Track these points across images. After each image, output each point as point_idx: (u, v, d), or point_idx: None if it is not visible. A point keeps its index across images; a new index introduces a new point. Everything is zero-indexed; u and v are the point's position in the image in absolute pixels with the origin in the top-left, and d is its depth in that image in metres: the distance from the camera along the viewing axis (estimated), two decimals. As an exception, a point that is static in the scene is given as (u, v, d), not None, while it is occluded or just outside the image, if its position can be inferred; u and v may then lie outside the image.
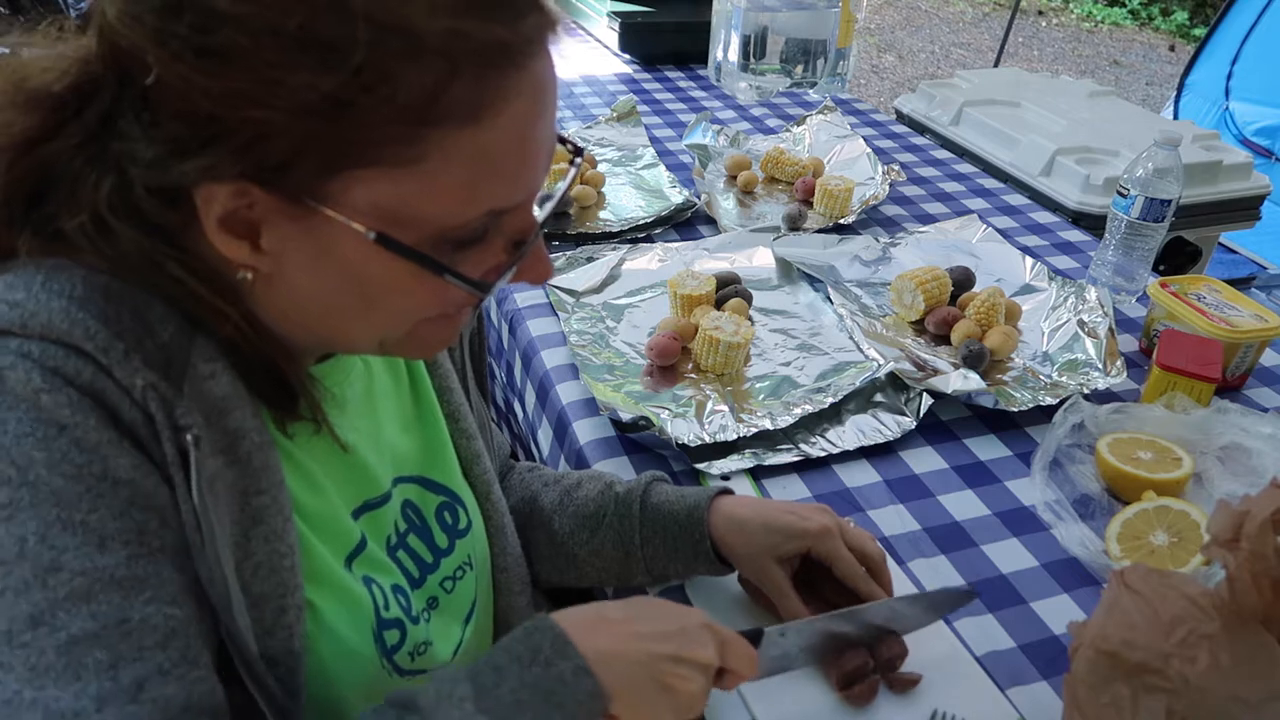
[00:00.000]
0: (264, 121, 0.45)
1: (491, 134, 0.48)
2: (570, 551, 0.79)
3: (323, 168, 0.47)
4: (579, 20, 2.31)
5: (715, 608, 0.77)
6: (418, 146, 0.47)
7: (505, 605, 0.77)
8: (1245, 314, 1.07)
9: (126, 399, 0.47)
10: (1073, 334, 1.12)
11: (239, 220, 0.49)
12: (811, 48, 1.91)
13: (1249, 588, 0.55)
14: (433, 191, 0.48)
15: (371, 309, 0.53)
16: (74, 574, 0.45)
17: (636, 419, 0.92)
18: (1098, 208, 1.52)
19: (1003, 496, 0.91)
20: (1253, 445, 0.90)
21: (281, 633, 0.53)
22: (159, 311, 0.50)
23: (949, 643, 0.75)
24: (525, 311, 1.15)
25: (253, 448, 0.53)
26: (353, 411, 0.64)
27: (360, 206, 0.48)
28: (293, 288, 0.52)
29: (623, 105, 1.71)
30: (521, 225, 0.54)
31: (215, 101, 0.44)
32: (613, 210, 1.39)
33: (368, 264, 0.50)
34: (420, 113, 0.46)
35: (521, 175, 0.51)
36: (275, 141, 0.45)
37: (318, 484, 0.59)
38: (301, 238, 0.49)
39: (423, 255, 0.50)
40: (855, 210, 1.40)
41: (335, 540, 0.60)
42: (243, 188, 0.47)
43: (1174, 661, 0.55)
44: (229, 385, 0.52)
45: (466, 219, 0.50)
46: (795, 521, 0.72)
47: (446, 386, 0.74)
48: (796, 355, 1.09)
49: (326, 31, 0.43)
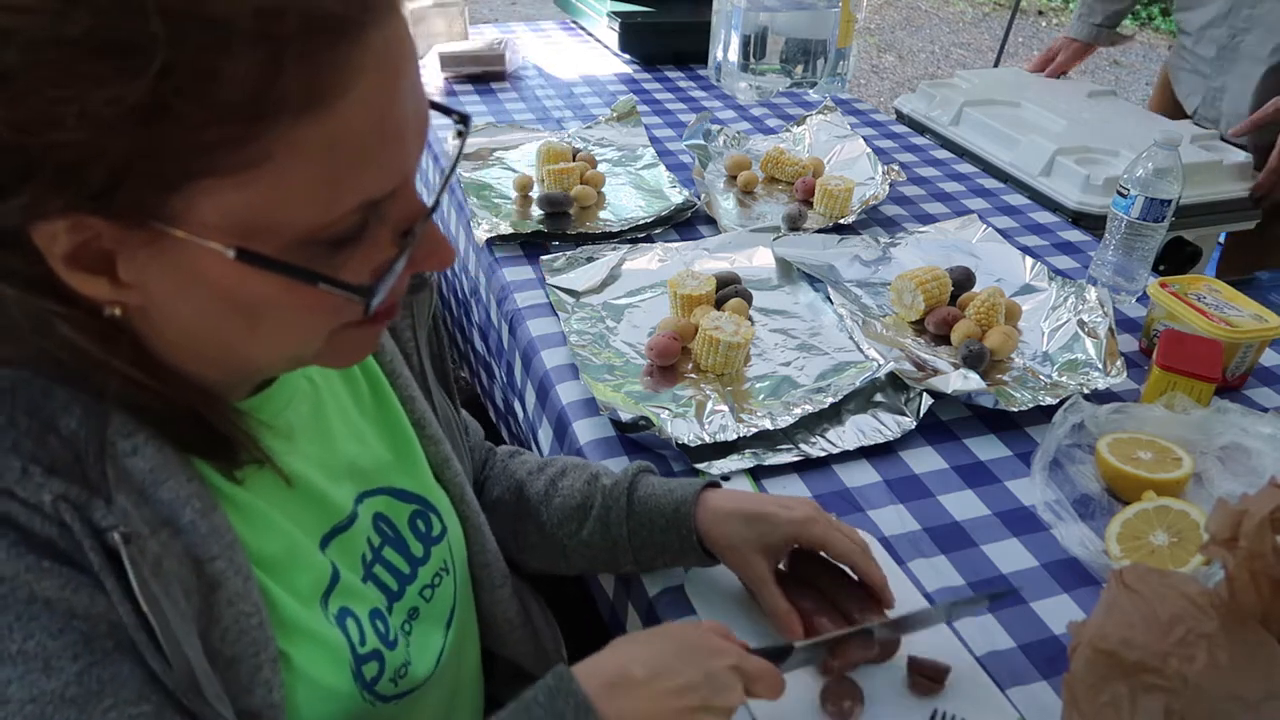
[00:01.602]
0: (72, 145, 0.39)
1: (340, 120, 0.43)
2: (559, 542, 0.80)
3: (156, 185, 0.42)
4: (579, 20, 2.31)
5: (714, 607, 0.77)
6: (255, 147, 0.42)
7: (489, 600, 0.77)
8: (1245, 314, 1.07)
9: (37, 516, 0.44)
10: (1073, 334, 1.12)
11: (89, 254, 0.44)
12: (811, 48, 1.91)
13: (1248, 587, 0.55)
14: (286, 194, 0.43)
15: (257, 329, 0.49)
16: (23, 703, 0.43)
17: (636, 419, 0.92)
18: (1098, 208, 1.52)
19: (1003, 496, 0.91)
20: (1253, 445, 0.90)
21: (260, 689, 0.52)
22: (60, 399, 0.46)
23: (949, 643, 0.75)
24: (525, 312, 1.15)
25: (195, 515, 0.50)
26: (302, 437, 0.61)
27: (211, 221, 0.43)
28: (169, 318, 0.48)
29: (623, 105, 1.71)
30: (407, 212, 0.49)
31: (13, 131, 0.39)
32: (613, 210, 1.39)
33: (237, 283, 0.45)
34: (247, 109, 0.41)
35: (387, 159, 0.46)
36: (92, 165, 0.40)
37: (275, 527, 0.56)
38: (160, 263, 0.45)
39: (291, 266, 0.45)
40: (855, 210, 1.40)
41: (304, 581, 0.58)
42: (77, 220, 0.42)
43: (1172, 660, 0.55)
44: (154, 455, 0.49)
45: (333, 216, 0.45)
46: (779, 512, 0.73)
47: (409, 396, 0.72)
48: (796, 355, 1.09)
49: (118, 34, 0.38)
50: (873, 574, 0.73)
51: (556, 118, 1.74)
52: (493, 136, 1.59)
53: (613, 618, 0.88)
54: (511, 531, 0.83)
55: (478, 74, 1.90)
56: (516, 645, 0.80)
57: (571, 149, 1.50)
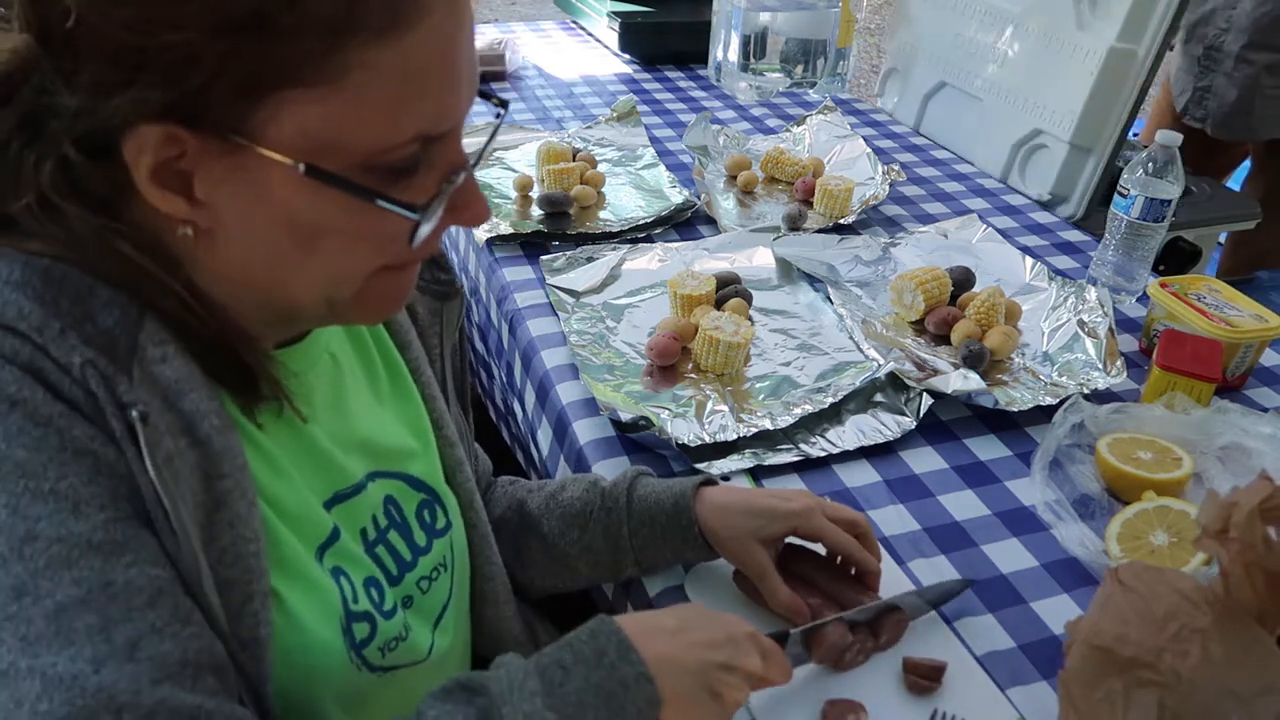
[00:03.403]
0: (182, 44, 0.44)
1: (412, 47, 0.47)
2: (563, 551, 0.80)
3: (246, 91, 0.46)
4: (579, 20, 2.31)
5: (714, 607, 0.77)
6: (337, 60, 0.46)
7: (492, 615, 0.78)
8: (1245, 314, 1.07)
9: (65, 377, 0.46)
10: (1073, 334, 1.12)
11: (171, 172, 0.48)
12: (811, 48, 1.91)
13: (1242, 582, 0.56)
14: (358, 111, 0.47)
15: (310, 255, 0.52)
16: (50, 541, 0.44)
17: (636, 419, 0.92)
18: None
19: (1003, 496, 0.91)
20: (1253, 445, 0.90)
21: (248, 619, 0.53)
22: (104, 297, 0.49)
23: (949, 643, 0.75)
24: (525, 311, 1.15)
25: (212, 430, 0.51)
26: (319, 404, 0.63)
27: (286, 137, 0.47)
28: (231, 241, 0.51)
29: (623, 105, 1.71)
30: (453, 159, 0.53)
31: (133, 31, 0.44)
32: (613, 210, 1.39)
33: (300, 201, 0.49)
34: (336, 23, 0.45)
35: (446, 95, 0.50)
36: (196, 66, 0.44)
37: (284, 471, 0.58)
38: (234, 182, 0.49)
39: (353, 184, 0.49)
40: (855, 210, 1.40)
41: (304, 530, 0.59)
42: (171, 131, 0.46)
43: (1166, 656, 0.56)
44: (182, 368, 0.51)
45: (395, 142, 0.49)
46: (776, 504, 0.75)
47: (431, 395, 0.74)
48: (796, 355, 1.09)
49: None
50: (866, 564, 0.75)
51: (556, 118, 1.74)
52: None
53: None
54: (515, 549, 0.83)
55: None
56: None
57: (571, 149, 1.50)
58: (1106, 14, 1.39)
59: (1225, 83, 1.98)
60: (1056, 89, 1.47)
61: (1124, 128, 1.42)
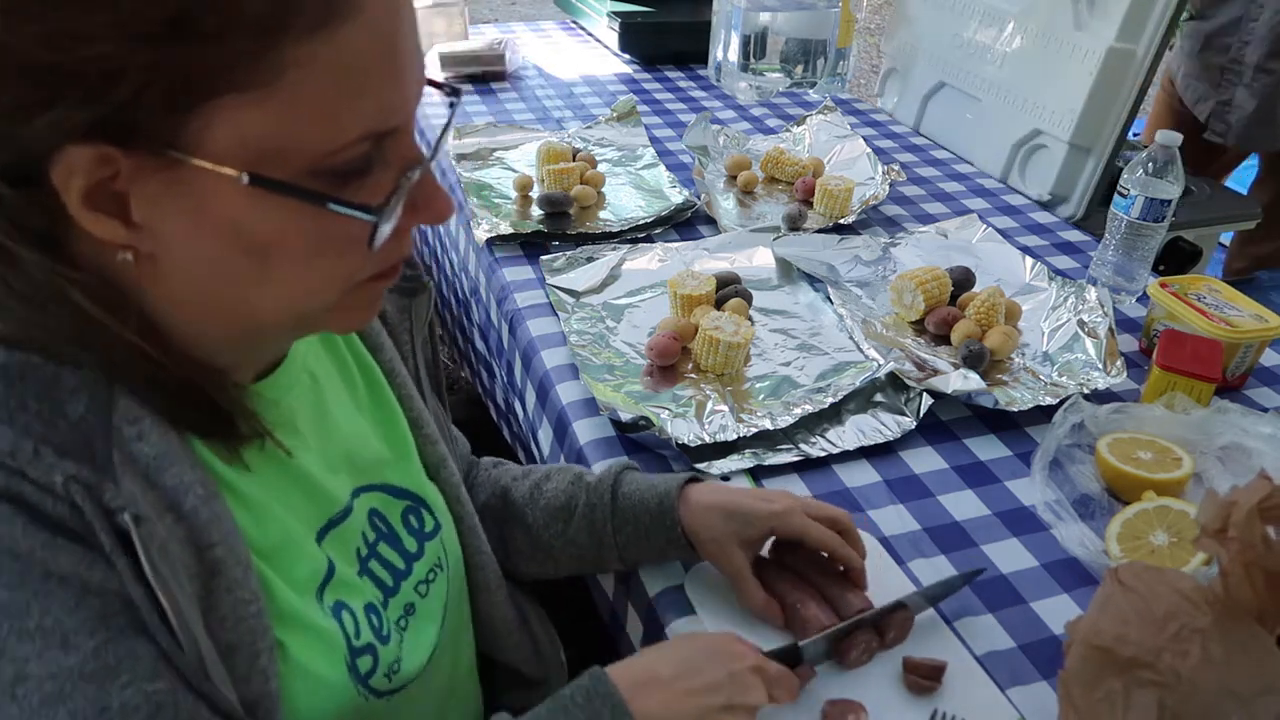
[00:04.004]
0: (101, 58, 0.41)
1: (350, 40, 0.44)
2: (547, 543, 0.80)
3: (176, 102, 0.43)
4: (579, 20, 2.31)
5: (714, 607, 0.77)
6: (271, 60, 0.43)
7: (486, 602, 0.78)
8: (1245, 314, 1.07)
9: (48, 496, 0.44)
10: (1073, 334, 1.12)
11: (104, 194, 0.45)
12: (811, 48, 1.91)
13: (1242, 581, 0.56)
14: (298, 112, 0.44)
15: (266, 269, 0.49)
16: (42, 680, 0.43)
17: (636, 419, 0.92)
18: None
19: (1003, 496, 0.91)
20: (1253, 445, 0.90)
21: (257, 677, 0.52)
22: (70, 384, 0.47)
23: (949, 643, 0.75)
24: (525, 311, 1.15)
25: (198, 501, 0.50)
26: (304, 429, 0.62)
27: (225, 147, 0.44)
28: (179, 264, 0.48)
29: (623, 105, 1.71)
30: (407, 156, 0.50)
31: (47, 47, 0.41)
32: (613, 210, 1.39)
33: (248, 214, 0.46)
34: (266, 20, 0.42)
35: (390, 89, 0.48)
36: (119, 80, 0.41)
37: (274, 517, 0.57)
38: (173, 200, 0.46)
39: (302, 189, 0.46)
40: (855, 210, 1.40)
41: (301, 576, 0.58)
42: (101, 152, 0.43)
43: (1166, 656, 0.56)
44: (160, 441, 0.49)
45: (341, 142, 0.46)
46: (756, 505, 0.75)
47: (407, 395, 0.73)
48: (796, 355, 1.09)
49: None
50: (851, 561, 0.75)
51: (556, 118, 1.74)
52: (493, 136, 1.59)
53: (613, 618, 0.88)
54: (499, 537, 0.83)
55: (478, 74, 1.90)
56: (514, 650, 0.80)
57: (571, 149, 1.50)
58: (1105, 14, 1.39)
59: (1245, 94, 1.98)
60: (1056, 89, 1.47)
61: (1124, 128, 1.42)
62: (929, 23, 1.73)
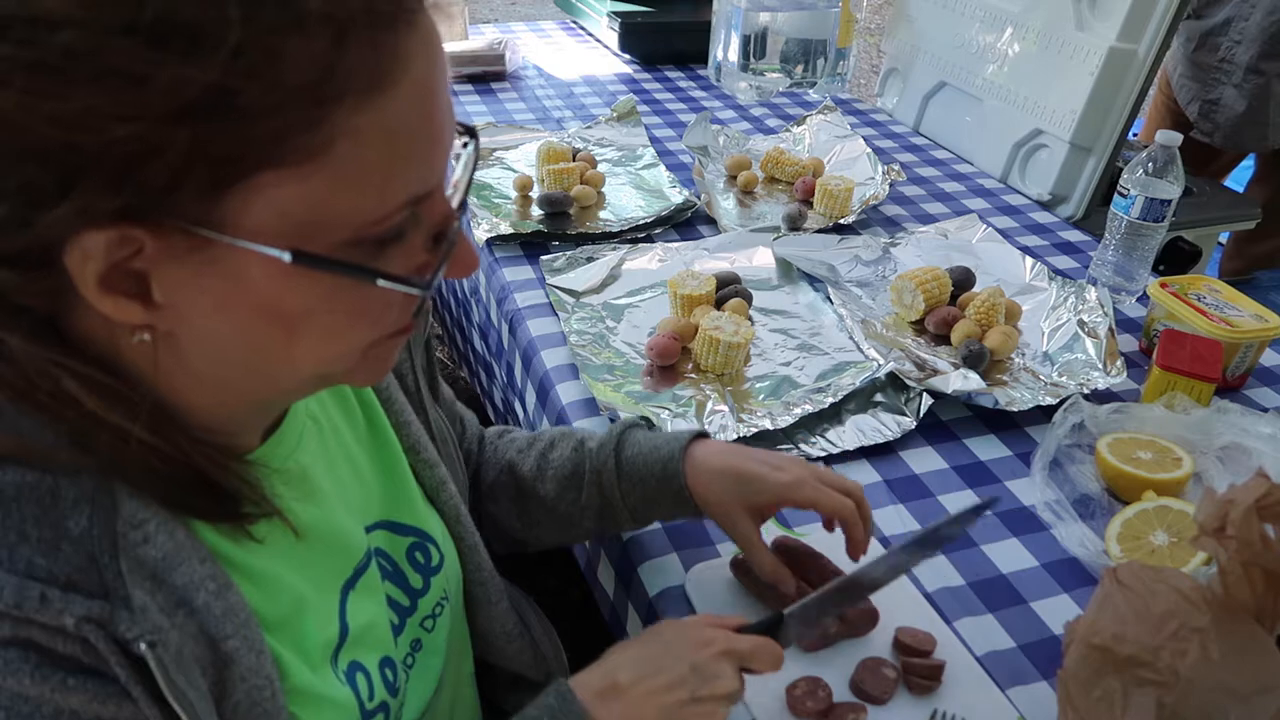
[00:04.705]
0: (134, 138, 0.37)
1: (396, 106, 0.42)
2: (565, 513, 0.80)
3: (217, 181, 0.39)
4: (579, 20, 2.31)
5: (714, 606, 0.77)
6: (322, 131, 0.40)
7: (485, 616, 0.76)
8: (1245, 314, 1.07)
9: (59, 637, 0.41)
10: (1073, 334, 1.12)
11: (122, 274, 0.41)
12: (811, 48, 1.91)
13: (1241, 580, 0.56)
14: (346, 184, 0.42)
15: (295, 342, 0.46)
16: None
17: (637, 419, 0.92)
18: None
19: (1003, 496, 0.91)
20: (1253, 445, 0.90)
21: None
22: (69, 497, 0.43)
23: (949, 642, 0.75)
24: (525, 312, 1.15)
25: (210, 597, 0.47)
26: (316, 481, 0.59)
27: (264, 222, 0.41)
28: (199, 339, 0.45)
29: (623, 105, 1.71)
30: (440, 214, 0.48)
31: (67, 127, 0.37)
32: (613, 210, 1.39)
33: (285, 290, 0.43)
34: (317, 90, 0.39)
35: (432, 151, 0.46)
36: (150, 164, 0.38)
37: (285, 586, 0.54)
38: (201, 279, 0.42)
39: (349, 265, 0.43)
40: (855, 210, 1.40)
41: (314, 640, 0.56)
42: (125, 233, 0.39)
43: (1164, 654, 0.56)
44: (166, 542, 0.46)
45: (386, 211, 0.44)
46: (769, 473, 0.73)
47: (403, 421, 0.70)
48: (796, 355, 1.09)
49: (190, 14, 0.37)
50: (857, 533, 0.74)
51: (556, 118, 1.74)
52: (493, 136, 1.59)
53: (613, 617, 0.88)
54: (517, 513, 0.83)
55: (478, 74, 1.90)
56: (515, 656, 0.79)
57: (571, 149, 1.50)
58: (1106, 14, 1.39)
59: (1235, 94, 1.98)
60: (1056, 89, 1.47)
61: (1124, 128, 1.42)
62: (929, 23, 1.73)
